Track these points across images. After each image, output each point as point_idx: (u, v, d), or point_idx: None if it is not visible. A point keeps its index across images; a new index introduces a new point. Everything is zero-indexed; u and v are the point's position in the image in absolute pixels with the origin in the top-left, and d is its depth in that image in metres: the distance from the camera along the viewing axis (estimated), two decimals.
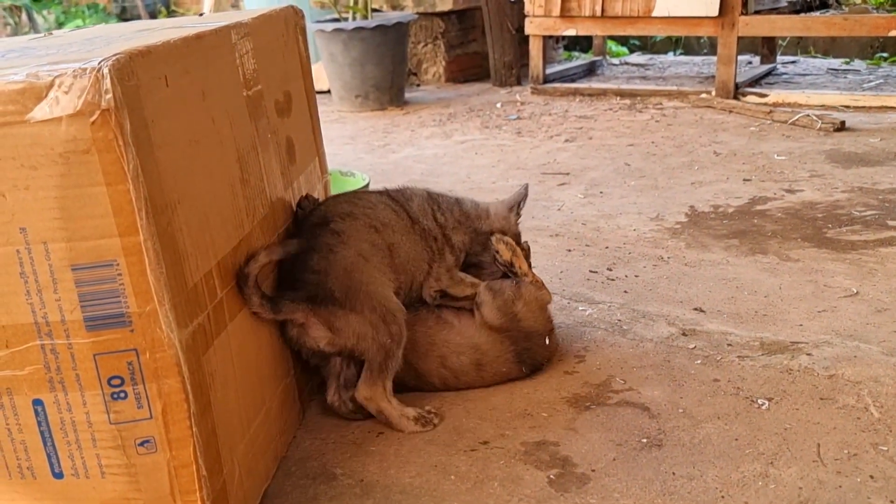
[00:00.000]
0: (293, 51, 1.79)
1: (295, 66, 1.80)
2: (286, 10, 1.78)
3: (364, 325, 1.56)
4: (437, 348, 1.72)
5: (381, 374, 1.60)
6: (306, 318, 1.55)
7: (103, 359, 1.12)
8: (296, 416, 1.65)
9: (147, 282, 1.09)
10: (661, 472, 1.45)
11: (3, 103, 1.02)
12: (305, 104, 1.84)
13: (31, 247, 1.07)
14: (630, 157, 3.63)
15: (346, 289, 1.56)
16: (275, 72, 1.64)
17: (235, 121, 1.40)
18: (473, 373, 1.74)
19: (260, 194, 1.50)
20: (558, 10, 4.89)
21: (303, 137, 1.79)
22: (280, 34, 1.72)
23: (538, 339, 1.80)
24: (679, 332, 1.97)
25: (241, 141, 1.42)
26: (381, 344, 1.57)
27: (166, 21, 1.73)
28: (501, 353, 1.75)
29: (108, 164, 1.04)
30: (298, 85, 1.80)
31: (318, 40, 4.88)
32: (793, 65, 5.67)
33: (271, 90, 1.60)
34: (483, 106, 4.92)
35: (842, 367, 1.76)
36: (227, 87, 1.39)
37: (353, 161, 3.79)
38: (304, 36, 1.86)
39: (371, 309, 1.57)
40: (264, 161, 1.53)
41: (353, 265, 1.59)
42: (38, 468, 1.19)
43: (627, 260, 2.45)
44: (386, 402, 1.62)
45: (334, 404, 1.67)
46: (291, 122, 1.72)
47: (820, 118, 3.94)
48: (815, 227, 2.61)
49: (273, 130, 1.59)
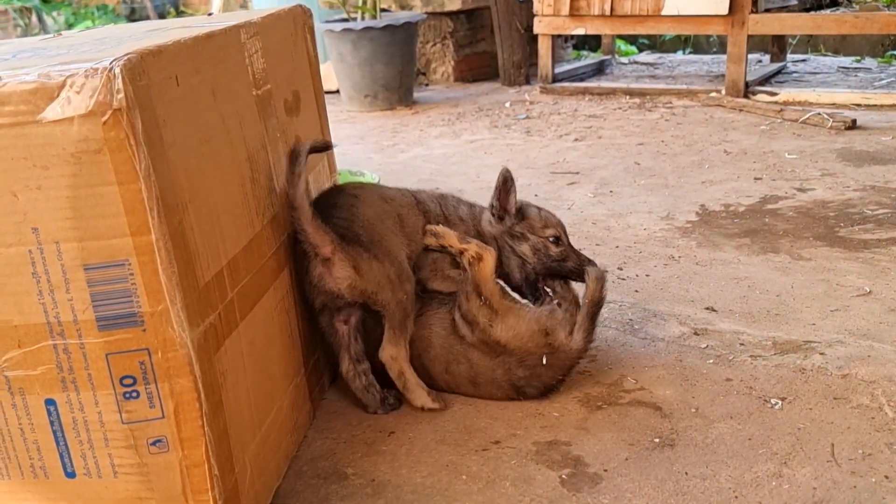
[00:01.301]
0: (301, 50, 1.79)
1: (303, 65, 1.80)
2: (294, 9, 1.78)
3: (384, 275, 1.59)
4: (445, 352, 1.71)
5: (402, 333, 1.63)
6: (333, 253, 1.55)
7: (115, 358, 1.12)
8: (306, 415, 1.65)
9: (159, 281, 1.08)
10: (674, 471, 1.44)
11: (15, 103, 1.02)
12: (314, 103, 1.84)
13: (44, 247, 1.07)
14: (640, 156, 3.62)
15: (370, 237, 1.60)
16: (283, 71, 1.64)
17: (245, 120, 1.40)
18: (470, 386, 1.71)
19: (269, 193, 1.49)
20: (567, 10, 4.88)
21: (311, 137, 1.79)
22: (288, 34, 1.72)
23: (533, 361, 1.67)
24: (691, 331, 1.96)
25: (251, 140, 1.42)
26: (399, 300, 1.61)
27: (175, 21, 1.73)
28: (494, 376, 1.68)
29: (120, 163, 1.04)
30: (307, 84, 1.80)
31: (328, 40, 4.89)
32: (803, 63, 5.64)
33: (280, 89, 1.60)
34: (492, 105, 4.91)
35: (855, 366, 1.75)
36: (237, 87, 1.39)
37: (362, 161, 3.79)
38: (312, 35, 1.87)
39: (391, 262, 1.60)
40: (274, 160, 1.53)
41: (373, 220, 1.65)
42: (50, 468, 1.19)
43: (638, 259, 2.44)
44: (408, 365, 1.65)
45: (349, 374, 1.68)
46: (300, 122, 1.72)
47: (831, 116, 3.92)
48: (827, 226, 2.60)
49: (282, 130, 1.59)
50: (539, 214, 1.85)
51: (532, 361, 1.66)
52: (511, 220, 1.82)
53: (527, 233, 1.82)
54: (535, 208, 1.87)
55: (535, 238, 1.81)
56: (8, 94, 1.02)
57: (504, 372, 1.67)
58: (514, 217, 1.82)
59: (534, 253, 1.81)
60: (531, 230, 1.82)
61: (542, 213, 1.86)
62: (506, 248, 1.82)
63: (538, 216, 1.84)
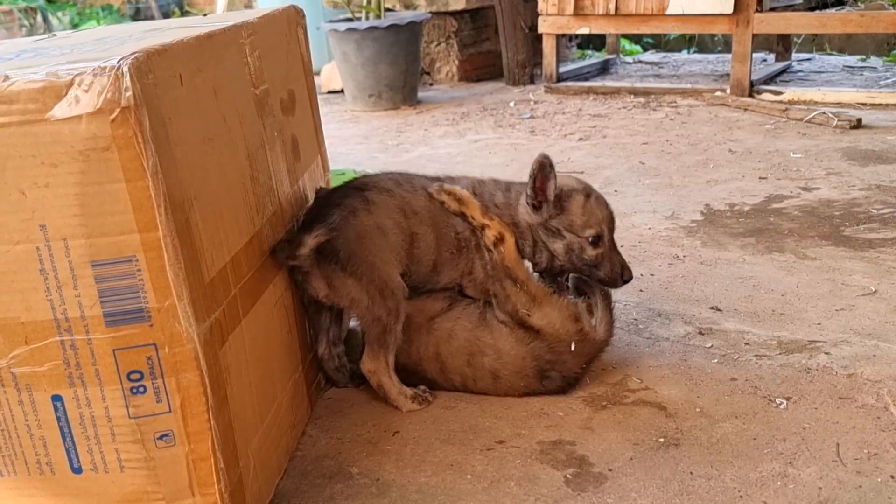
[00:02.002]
0: (295, 50, 1.80)
1: (297, 65, 1.81)
2: (288, 9, 1.79)
3: (360, 292, 1.59)
4: (470, 345, 1.69)
5: (381, 348, 1.63)
6: (310, 268, 1.59)
7: (123, 354, 1.12)
8: (304, 411, 1.66)
9: (166, 277, 1.09)
10: (679, 471, 1.44)
11: (24, 102, 1.03)
12: (307, 103, 1.85)
13: (51, 243, 1.08)
14: (644, 155, 3.62)
15: (350, 253, 1.58)
16: (279, 71, 1.65)
17: (245, 119, 1.41)
18: (490, 380, 1.70)
19: (269, 192, 1.50)
20: (572, 9, 4.88)
21: (306, 135, 1.80)
22: (283, 34, 1.73)
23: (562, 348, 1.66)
24: (696, 330, 1.96)
25: (251, 139, 1.43)
26: (376, 316, 1.60)
27: (172, 21, 1.74)
28: (523, 364, 1.67)
29: (128, 160, 1.04)
30: (301, 84, 1.81)
31: (332, 40, 4.89)
32: (808, 62, 5.63)
33: (276, 89, 1.61)
34: (496, 105, 4.91)
35: (861, 365, 1.75)
36: (237, 86, 1.40)
37: (366, 160, 3.79)
38: (305, 35, 1.88)
39: (370, 280, 1.59)
40: (272, 159, 1.54)
41: (367, 234, 1.62)
42: (56, 463, 1.19)
43: (643, 259, 2.44)
44: (387, 377, 1.66)
45: (324, 357, 1.75)
46: (295, 121, 1.73)
47: (836, 116, 3.91)
48: (832, 225, 2.59)
49: (279, 129, 1.60)
50: (583, 207, 1.69)
51: (561, 348, 1.66)
52: (549, 211, 1.69)
53: (563, 230, 1.68)
54: (580, 197, 1.70)
55: (572, 237, 1.69)
56: (16, 92, 1.03)
57: (533, 359, 1.66)
58: (553, 207, 1.69)
59: (567, 252, 1.70)
60: (570, 228, 1.68)
61: (589, 204, 1.70)
62: (539, 241, 1.72)
63: (581, 210, 1.69)
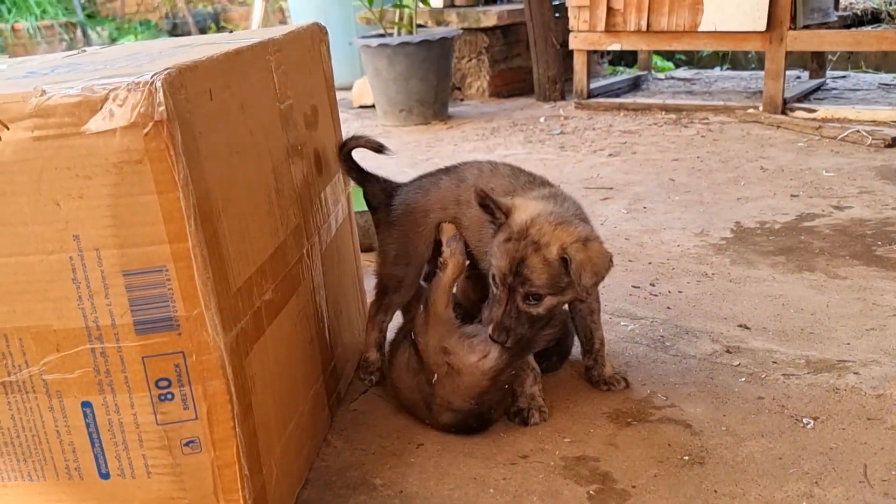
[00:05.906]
0: (318, 66, 1.83)
1: (320, 80, 1.84)
2: (311, 26, 1.82)
3: (388, 244, 1.83)
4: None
5: (377, 300, 1.86)
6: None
7: (152, 361, 1.15)
8: (325, 421, 1.68)
9: (195, 287, 1.11)
10: (703, 489, 1.43)
11: (60, 115, 1.06)
12: (330, 118, 1.89)
13: (84, 253, 1.11)
14: (675, 172, 3.60)
15: (401, 214, 1.85)
16: (302, 86, 1.68)
17: (270, 133, 1.45)
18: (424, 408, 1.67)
19: (292, 204, 1.53)
20: (603, 25, 4.88)
21: (328, 150, 1.84)
22: (307, 50, 1.76)
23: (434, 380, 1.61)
24: (723, 349, 1.95)
25: (276, 153, 1.46)
26: (382, 274, 1.84)
27: (201, 38, 1.79)
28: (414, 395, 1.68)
29: (160, 173, 1.07)
30: (323, 99, 1.85)
31: (364, 55, 4.94)
32: (843, 80, 5.57)
33: (300, 104, 1.64)
34: (526, 120, 4.92)
35: (890, 386, 1.72)
36: (263, 101, 1.44)
37: (396, 175, 3.78)
38: (328, 51, 1.92)
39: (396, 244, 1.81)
40: (295, 172, 1.56)
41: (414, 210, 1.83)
42: (85, 469, 1.22)
43: (671, 275, 2.42)
44: (372, 325, 1.87)
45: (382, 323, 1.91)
46: (318, 135, 1.77)
47: (870, 134, 3.86)
48: (864, 245, 2.56)
49: (302, 143, 1.63)
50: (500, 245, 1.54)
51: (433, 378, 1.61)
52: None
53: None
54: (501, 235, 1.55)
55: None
56: (53, 106, 1.06)
57: (419, 388, 1.64)
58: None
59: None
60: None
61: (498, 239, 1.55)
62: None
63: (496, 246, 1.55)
